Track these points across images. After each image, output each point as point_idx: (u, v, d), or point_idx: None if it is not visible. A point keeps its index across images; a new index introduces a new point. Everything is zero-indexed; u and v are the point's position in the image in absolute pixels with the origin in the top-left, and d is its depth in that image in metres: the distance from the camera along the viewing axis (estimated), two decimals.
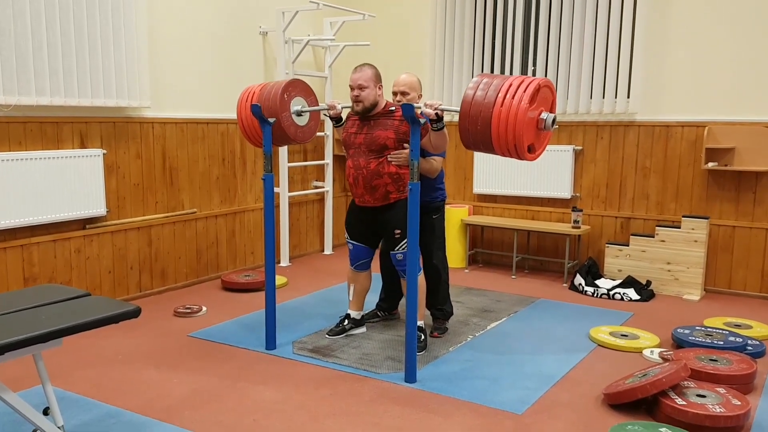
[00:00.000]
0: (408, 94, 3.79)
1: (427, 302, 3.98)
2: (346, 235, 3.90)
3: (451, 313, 4.12)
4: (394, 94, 3.83)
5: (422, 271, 3.80)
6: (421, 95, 3.88)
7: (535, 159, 3.07)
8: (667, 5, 5.05)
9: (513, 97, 2.89)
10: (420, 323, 3.73)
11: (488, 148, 3.03)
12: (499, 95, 2.92)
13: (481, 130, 2.97)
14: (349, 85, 3.66)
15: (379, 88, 3.66)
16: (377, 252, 4.00)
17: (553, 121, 2.99)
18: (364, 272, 3.91)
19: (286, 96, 3.74)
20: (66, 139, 4.23)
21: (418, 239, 3.26)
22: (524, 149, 2.94)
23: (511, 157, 3.01)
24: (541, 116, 2.99)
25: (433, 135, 3.41)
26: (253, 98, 3.83)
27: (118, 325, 3.91)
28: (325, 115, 3.90)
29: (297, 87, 3.84)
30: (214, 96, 5.22)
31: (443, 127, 3.38)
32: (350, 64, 6.43)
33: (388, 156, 3.61)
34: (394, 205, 3.68)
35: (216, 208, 5.33)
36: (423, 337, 3.76)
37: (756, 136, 4.76)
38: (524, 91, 2.90)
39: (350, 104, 3.69)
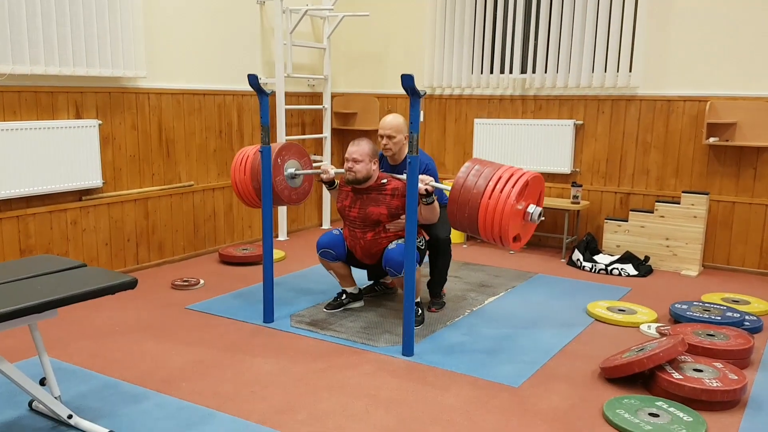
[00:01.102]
0: (394, 137, 3.81)
1: (431, 271, 3.99)
2: (342, 225, 3.89)
3: (445, 281, 4.09)
4: (381, 137, 3.83)
5: (419, 265, 3.79)
6: (407, 136, 3.79)
7: (519, 248, 3.23)
8: None
9: (501, 192, 3.00)
10: (417, 298, 3.73)
11: (475, 233, 3.16)
12: (489, 186, 3.04)
13: (468, 217, 3.10)
14: (345, 157, 3.66)
15: (374, 163, 3.66)
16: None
17: (539, 215, 3.12)
18: (332, 262, 3.85)
19: (279, 161, 3.77)
20: (61, 109, 4.18)
21: (417, 207, 3.23)
22: (509, 240, 3.06)
23: (496, 244, 3.14)
24: (527, 210, 3.10)
25: (423, 209, 3.49)
26: (247, 163, 3.85)
27: (115, 297, 3.91)
28: (318, 180, 3.89)
29: (290, 150, 3.87)
30: (210, 67, 5.16)
31: (433, 201, 3.47)
32: (349, 35, 6.38)
33: (386, 226, 3.67)
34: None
35: (213, 181, 5.30)
36: (420, 311, 3.76)
37: (758, 112, 4.71)
38: (512, 187, 3.00)
39: (343, 170, 3.69)
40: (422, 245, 3.75)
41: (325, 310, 3.95)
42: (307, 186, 4.04)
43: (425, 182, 3.36)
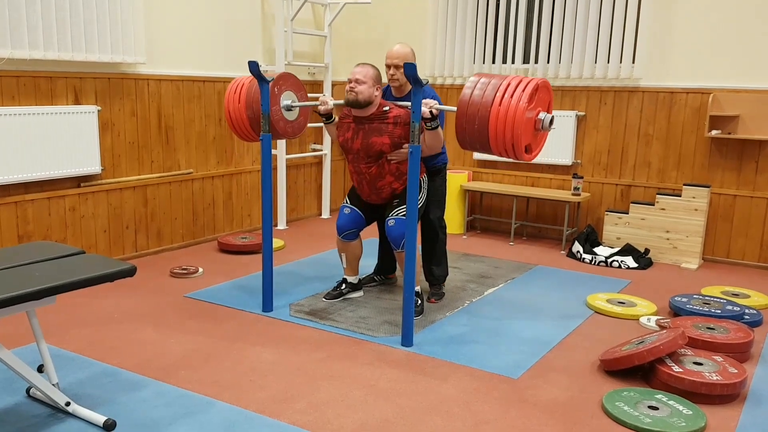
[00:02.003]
0: (401, 67, 3.69)
1: (423, 261, 3.97)
2: (346, 200, 3.86)
3: (446, 275, 4.09)
4: (388, 67, 3.73)
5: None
6: (415, 65, 3.77)
7: (531, 159, 3.10)
8: None
9: (511, 97, 2.90)
10: (417, 288, 3.72)
11: (485, 147, 3.04)
12: (497, 95, 2.93)
13: (478, 129, 2.98)
14: (348, 78, 3.58)
15: (378, 89, 3.58)
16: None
17: (551, 121, 3.00)
18: (352, 242, 3.86)
19: (276, 90, 3.67)
20: (60, 95, 4.15)
21: (417, 198, 3.22)
22: (522, 149, 2.95)
23: (508, 157, 3.03)
24: (538, 116, 3.00)
25: (427, 135, 3.40)
26: (242, 91, 3.72)
27: (114, 285, 3.90)
28: (314, 111, 3.82)
29: (287, 81, 3.77)
30: (210, 53, 5.12)
31: (438, 126, 3.36)
32: (350, 24, 6.33)
33: (388, 156, 3.61)
34: (401, 194, 3.70)
35: (212, 169, 5.27)
36: (420, 302, 3.75)
37: (761, 105, 4.69)
38: (523, 91, 2.90)
39: (342, 101, 3.62)
40: (421, 202, 3.70)
41: (324, 299, 3.93)
42: (302, 120, 3.92)
43: (429, 105, 3.24)
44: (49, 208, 4.17)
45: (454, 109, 3.06)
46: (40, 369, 2.60)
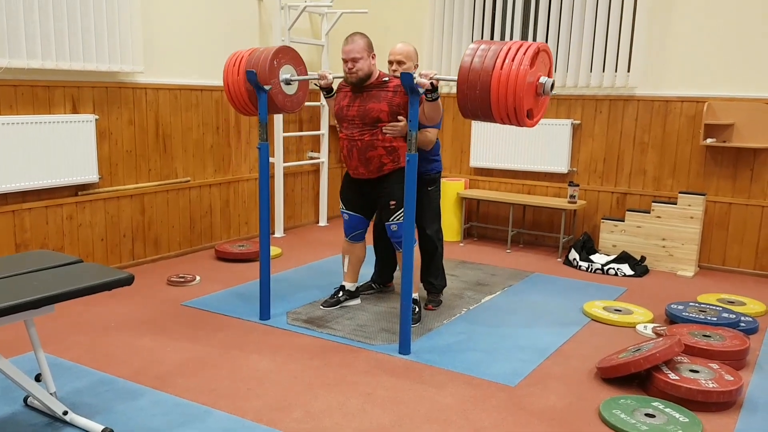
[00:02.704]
0: (404, 63, 3.72)
1: (420, 274, 3.97)
2: (342, 205, 3.87)
3: (444, 285, 4.11)
4: (390, 63, 3.76)
5: (417, 243, 3.77)
6: (417, 65, 3.82)
7: (533, 125, 3.05)
8: None
9: (513, 60, 2.87)
10: (414, 296, 3.72)
11: (487, 114, 3.00)
12: (498, 59, 2.90)
13: (480, 95, 2.94)
14: (342, 58, 3.56)
15: (372, 57, 3.58)
16: (371, 223, 3.98)
17: (552, 85, 2.97)
18: (359, 243, 3.89)
19: (275, 63, 3.64)
20: (58, 104, 4.16)
21: (414, 210, 3.23)
22: (524, 114, 2.91)
23: (510, 123, 2.98)
24: (540, 80, 2.96)
25: (427, 106, 3.34)
26: (241, 63, 3.70)
27: (111, 293, 3.89)
28: (315, 85, 3.82)
29: (287, 54, 3.74)
30: (208, 62, 5.13)
31: (438, 98, 3.33)
32: (347, 33, 6.34)
33: (383, 128, 3.56)
34: (389, 176, 3.66)
35: (210, 177, 5.28)
36: (417, 309, 3.75)
37: (756, 113, 4.72)
38: (524, 54, 2.87)
39: (342, 75, 3.62)
40: None
41: (321, 307, 3.94)
42: (301, 95, 3.90)
43: (429, 76, 3.18)
44: (47, 216, 4.17)
45: (454, 78, 3.04)
46: (38, 378, 2.60)
